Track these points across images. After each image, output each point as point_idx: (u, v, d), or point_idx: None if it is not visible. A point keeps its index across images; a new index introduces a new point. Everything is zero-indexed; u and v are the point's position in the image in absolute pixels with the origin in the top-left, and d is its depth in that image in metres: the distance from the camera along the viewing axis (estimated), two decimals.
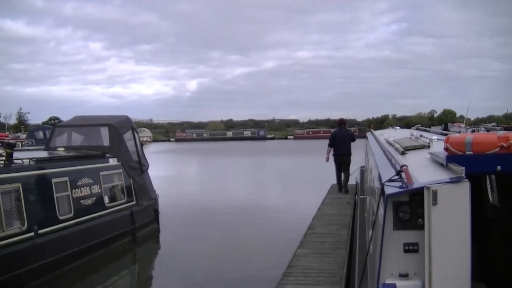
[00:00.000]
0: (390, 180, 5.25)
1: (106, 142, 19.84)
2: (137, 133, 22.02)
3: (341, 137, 21.96)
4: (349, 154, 21.83)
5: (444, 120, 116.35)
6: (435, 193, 4.41)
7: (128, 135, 20.60)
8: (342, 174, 22.46)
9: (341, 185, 22.48)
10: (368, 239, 7.07)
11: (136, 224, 19.09)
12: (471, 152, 4.74)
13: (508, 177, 6.56)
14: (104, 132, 20.08)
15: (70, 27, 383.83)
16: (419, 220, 4.66)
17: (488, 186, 7.68)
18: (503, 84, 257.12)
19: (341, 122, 22.75)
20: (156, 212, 21.34)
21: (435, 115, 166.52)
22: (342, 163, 21.89)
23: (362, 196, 14.97)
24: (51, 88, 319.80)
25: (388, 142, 10.47)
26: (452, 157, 4.84)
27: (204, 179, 44.91)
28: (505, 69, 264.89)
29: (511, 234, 6.78)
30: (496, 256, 7.26)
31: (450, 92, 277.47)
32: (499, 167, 4.59)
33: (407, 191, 4.72)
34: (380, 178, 6.20)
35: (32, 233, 13.77)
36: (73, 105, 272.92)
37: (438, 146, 6.51)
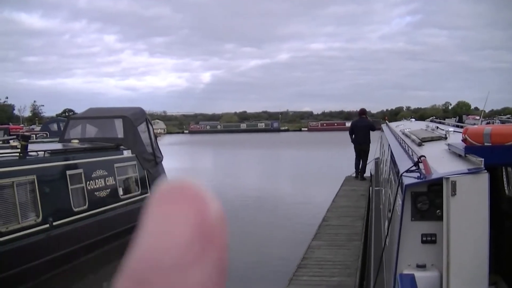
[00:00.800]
0: (408, 171, 5.20)
1: (120, 134, 19.86)
2: (151, 125, 22.03)
3: (359, 126, 22.80)
4: (366, 143, 22.52)
5: (459, 112, 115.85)
6: (454, 184, 4.36)
7: (142, 127, 20.61)
8: (361, 161, 23.18)
9: (358, 172, 22.73)
10: (384, 230, 7.02)
11: None
12: (490, 144, 4.68)
13: None
14: (118, 124, 20.09)
15: (84, 19, 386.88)
16: (438, 211, 4.61)
17: (505, 179, 7.61)
18: None
19: (361, 112, 23.64)
20: None
21: (450, 107, 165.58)
22: (360, 151, 22.69)
23: (377, 188, 14.93)
24: (65, 81, 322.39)
25: (404, 133, 10.41)
26: (471, 148, 4.79)
27: (217, 171, 44.89)
28: None
29: None
30: (511, 249, 7.20)
31: (464, 84, 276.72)
32: None
33: (425, 182, 4.68)
34: (397, 169, 6.16)
35: (47, 225, 13.83)
36: (87, 98, 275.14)
37: (455, 138, 6.45)
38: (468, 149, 4.83)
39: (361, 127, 22.85)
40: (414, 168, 5.26)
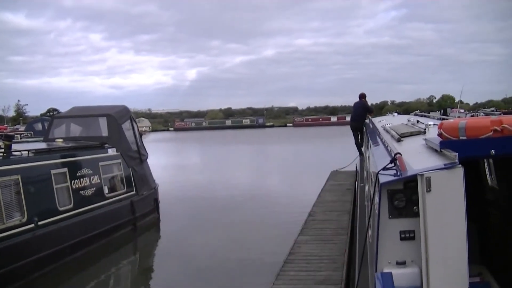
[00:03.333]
0: (384, 169, 5.23)
1: (104, 132, 19.80)
2: (136, 123, 21.99)
3: (356, 106, 24.63)
4: (359, 121, 23.66)
5: (443, 106, 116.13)
6: (428, 180, 4.39)
7: (126, 125, 20.57)
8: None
9: (359, 149, 23.18)
10: (366, 227, 7.06)
11: (136, 214, 19.11)
12: (465, 137, 4.70)
13: (505, 160, 6.54)
14: (103, 122, 20.03)
15: (70, 18, 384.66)
16: (414, 207, 4.64)
17: (487, 169, 7.66)
18: (503, 68, 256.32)
19: (361, 96, 24.67)
20: (156, 201, 21.36)
21: (434, 101, 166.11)
22: (356, 128, 23.97)
23: (361, 184, 14.98)
24: (51, 80, 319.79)
25: (385, 129, 10.45)
26: (446, 143, 4.80)
27: (204, 168, 44.87)
28: (504, 53, 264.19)
29: (510, 216, 6.77)
30: (496, 239, 7.25)
31: (450, 77, 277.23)
32: (493, 151, 4.56)
33: (401, 179, 4.70)
34: (375, 167, 6.19)
35: (33, 225, 13.76)
36: (73, 96, 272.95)
37: (434, 132, 6.48)
38: (443, 144, 4.85)
39: (357, 107, 24.34)
40: (390, 165, 5.31)
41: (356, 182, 20.33)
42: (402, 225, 4.72)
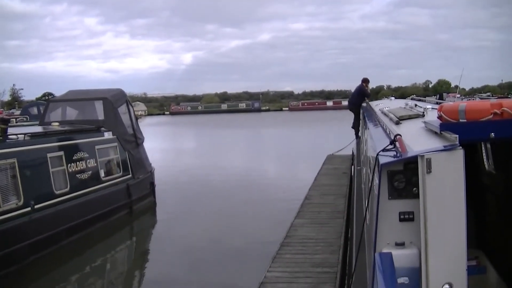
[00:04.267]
0: (384, 150, 5.21)
1: (100, 116, 19.74)
2: (132, 106, 21.93)
3: (355, 90, 25.06)
4: (355, 104, 23.94)
5: (439, 90, 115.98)
6: (429, 162, 4.38)
7: (122, 109, 20.51)
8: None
9: (356, 132, 23.56)
10: (363, 209, 7.06)
11: (132, 198, 19.11)
12: (465, 120, 4.70)
13: (503, 144, 6.54)
14: (99, 106, 19.96)
15: (65, 2, 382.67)
16: (414, 189, 4.63)
17: (484, 154, 7.65)
18: (498, 54, 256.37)
19: (363, 80, 24.76)
20: (152, 185, 21.35)
21: (430, 86, 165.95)
22: (352, 111, 24.36)
23: (358, 168, 14.99)
24: (46, 64, 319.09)
25: (383, 112, 10.43)
26: (446, 125, 4.79)
27: (200, 151, 44.86)
28: (500, 39, 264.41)
29: (507, 201, 6.78)
30: (493, 223, 7.27)
31: (445, 63, 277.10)
32: (492, 134, 4.55)
33: (401, 160, 4.70)
34: (374, 148, 6.18)
35: (29, 208, 13.75)
36: (68, 81, 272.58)
37: (433, 115, 6.46)
38: (443, 126, 4.84)
39: (355, 90, 24.70)
40: (390, 147, 5.29)
41: (352, 166, 20.35)
42: (402, 206, 4.71)
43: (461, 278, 4.45)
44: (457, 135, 4.45)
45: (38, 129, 18.12)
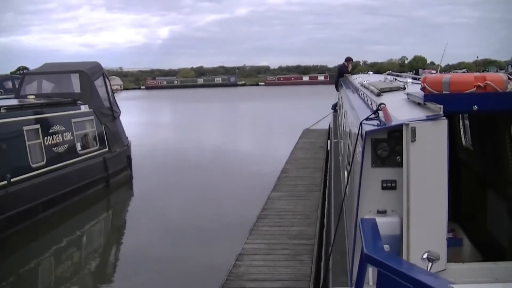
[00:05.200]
0: (368, 119, 5.24)
1: (77, 89, 19.57)
2: (108, 80, 21.75)
3: (337, 69, 25.04)
4: (336, 83, 23.55)
5: (415, 67, 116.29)
6: (413, 130, 4.44)
7: (99, 82, 20.35)
8: None
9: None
10: (344, 180, 7.11)
11: (109, 171, 19.06)
12: (448, 92, 4.76)
13: (481, 120, 6.63)
14: (75, 79, 19.78)
15: None
16: (397, 157, 4.70)
17: (461, 130, 7.74)
18: (474, 31, 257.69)
19: (346, 59, 24.35)
20: (128, 158, 21.30)
21: (406, 62, 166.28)
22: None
23: (335, 140, 15.05)
24: (21, 38, 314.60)
25: (363, 85, 10.47)
26: (430, 96, 4.85)
27: (176, 125, 44.73)
28: (476, 16, 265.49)
29: (482, 176, 6.88)
30: (468, 198, 7.37)
31: (421, 39, 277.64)
32: (475, 106, 4.63)
33: (385, 128, 4.74)
34: (357, 118, 6.21)
35: (5, 182, 13.67)
36: (43, 55, 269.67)
37: (413, 89, 6.52)
38: (427, 97, 4.90)
39: (337, 70, 24.36)
40: (373, 116, 5.31)
41: (329, 140, 20.46)
42: (384, 174, 4.78)
43: (442, 246, 4.55)
44: (441, 106, 4.51)
45: (14, 102, 17.92)
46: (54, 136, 16.39)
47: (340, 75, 23.59)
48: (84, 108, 18.79)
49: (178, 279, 11.05)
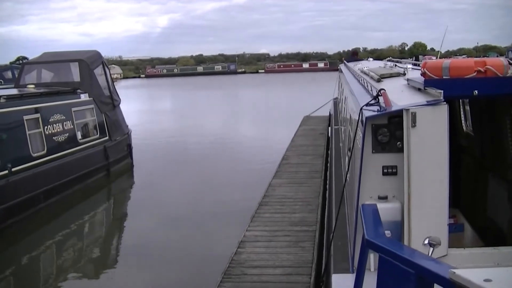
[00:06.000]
0: (368, 104, 5.23)
1: (76, 77, 19.53)
2: (108, 68, 21.71)
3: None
4: None
5: (415, 53, 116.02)
6: (414, 115, 4.43)
7: (98, 70, 20.32)
8: None
9: None
10: (345, 166, 7.11)
11: (109, 159, 19.07)
12: (448, 77, 4.75)
13: (481, 105, 6.62)
14: (75, 67, 19.74)
15: None
16: (398, 143, 4.68)
17: (462, 115, 7.74)
18: (474, 17, 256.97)
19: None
20: (129, 146, 21.30)
21: (406, 48, 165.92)
22: None
23: (336, 127, 15.05)
24: (19, 28, 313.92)
25: (362, 71, 10.45)
26: (430, 81, 4.84)
27: (176, 113, 44.72)
28: (476, 2, 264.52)
29: (483, 162, 6.88)
30: (468, 184, 7.38)
31: (421, 25, 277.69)
32: (476, 91, 4.61)
33: (386, 114, 4.73)
34: (357, 104, 6.20)
35: (6, 171, 13.68)
36: (42, 44, 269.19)
37: (413, 74, 6.51)
38: (427, 82, 4.89)
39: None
40: (374, 101, 5.31)
41: (329, 127, 20.45)
42: (385, 160, 4.77)
43: (443, 232, 4.55)
44: (442, 91, 4.50)
45: (14, 91, 17.90)
46: (54, 125, 16.38)
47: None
48: (84, 97, 18.77)
49: (180, 266, 11.07)
